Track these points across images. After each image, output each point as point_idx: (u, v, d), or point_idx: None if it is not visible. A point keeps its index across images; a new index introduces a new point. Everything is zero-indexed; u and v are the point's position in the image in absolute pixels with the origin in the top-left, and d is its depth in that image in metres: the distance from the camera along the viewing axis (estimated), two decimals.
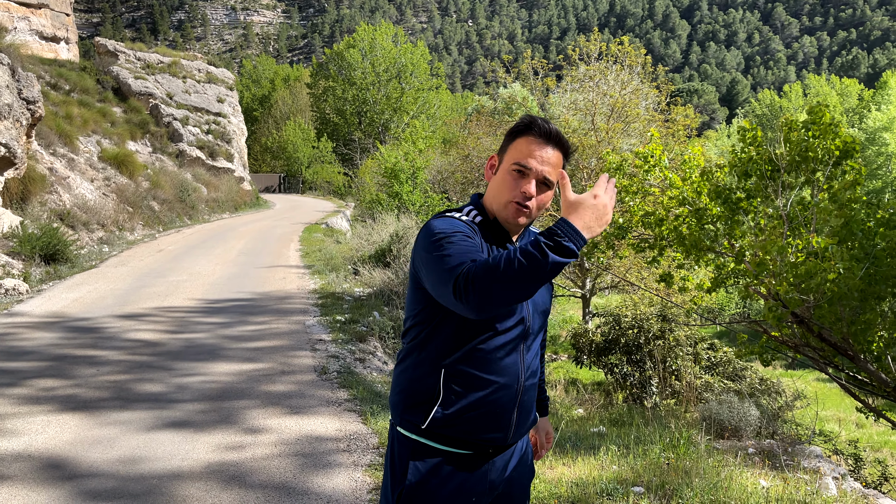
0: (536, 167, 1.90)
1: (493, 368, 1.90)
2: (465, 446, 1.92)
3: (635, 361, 12.30)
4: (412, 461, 1.93)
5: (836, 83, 56.51)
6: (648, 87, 22.12)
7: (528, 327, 1.96)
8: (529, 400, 2.01)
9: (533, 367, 2.00)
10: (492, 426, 1.92)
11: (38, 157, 16.04)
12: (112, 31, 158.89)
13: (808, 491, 4.15)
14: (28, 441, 4.73)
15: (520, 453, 2.08)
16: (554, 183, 1.94)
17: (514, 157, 1.92)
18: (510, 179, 1.92)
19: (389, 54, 48.08)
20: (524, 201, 1.90)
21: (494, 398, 1.90)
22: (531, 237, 1.91)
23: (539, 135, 1.92)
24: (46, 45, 26.10)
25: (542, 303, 2.04)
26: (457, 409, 1.89)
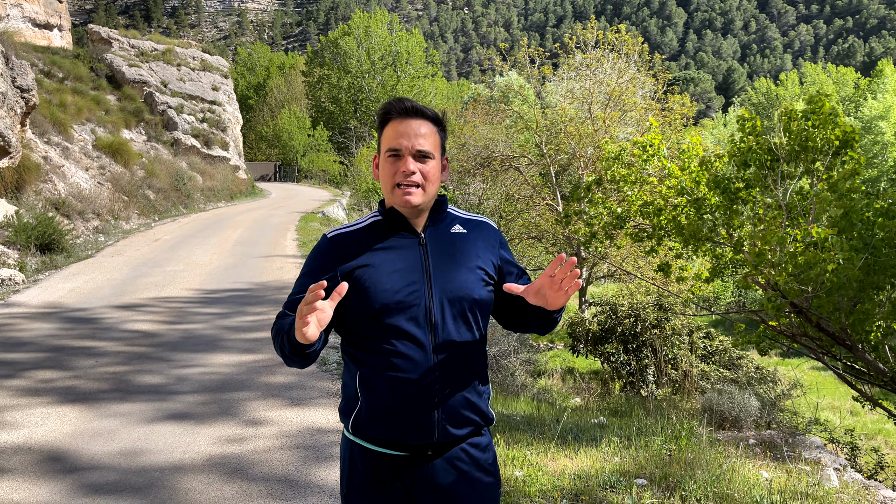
0: (405, 144, 1.89)
1: (394, 366, 1.87)
2: (395, 447, 1.91)
3: (632, 350, 12.32)
4: (349, 460, 1.97)
5: (833, 71, 56.50)
6: (645, 75, 22.06)
7: (432, 321, 1.88)
8: (456, 393, 1.90)
9: (454, 357, 1.90)
10: (411, 427, 1.88)
11: (32, 146, 15.92)
12: (105, 17, 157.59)
13: (809, 482, 4.16)
14: (28, 433, 4.71)
15: (462, 467, 1.95)
16: (434, 153, 1.93)
17: (385, 145, 1.93)
18: (388, 166, 1.92)
19: (385, 42, 47.84)
20: (405, 180, 1.89)
21: (401, 395, 1.86)
22: (448, 223, 2.00)
23: (399, 114, 1.93)
24: (39, 32, 25.86)
25: (452, 289, 1.91)
26: (373, 413, 1.89)
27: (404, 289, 1.88)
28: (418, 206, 1.92)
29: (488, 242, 2.03)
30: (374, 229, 1.97)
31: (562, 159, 21.61)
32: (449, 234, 1.99)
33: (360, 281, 1.89)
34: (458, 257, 1.96)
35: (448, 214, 2.04)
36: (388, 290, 1.88)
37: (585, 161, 20.43)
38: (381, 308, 1.87)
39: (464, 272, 1.94)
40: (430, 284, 1.91)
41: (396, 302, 1.87)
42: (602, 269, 21.16)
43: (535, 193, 21.56)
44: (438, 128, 1.97)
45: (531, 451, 4.55)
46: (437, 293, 1.90)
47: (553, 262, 1.80)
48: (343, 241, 1.97)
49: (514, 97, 26.92)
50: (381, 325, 1.88)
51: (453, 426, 1.91)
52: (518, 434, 5.02)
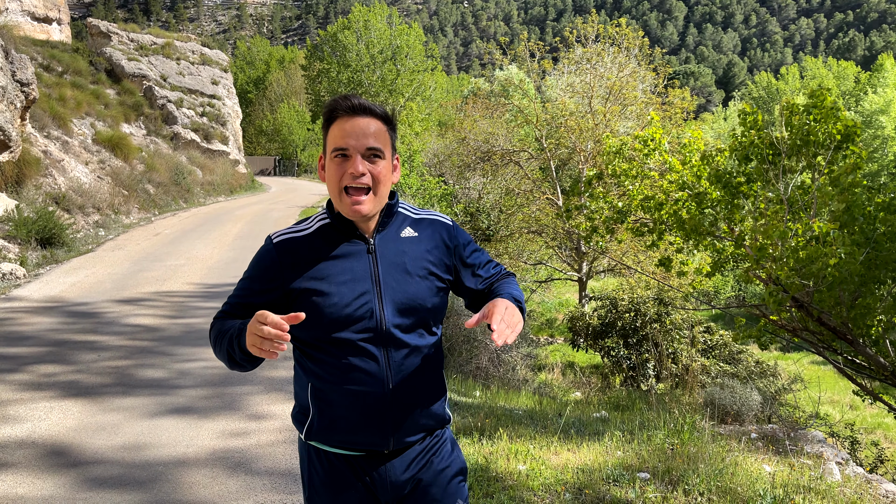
0: (353, 143, 1.78)
1: (347, 380, 1.82)
2: (351, 449, 1.88)
3: (632, 345, 12.34)
4: (308, 462, 1.95)
5: (833, 66, 56.40)
6: (645, 69, 22.02)
7: (384, 330, 1.82)
8: (410, 403, 1.86)
9: (408, 367, 1.84)
10: (365, 437, 1.85)
11: (32, 140, 15.89)
12: (104, 11, 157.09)
13: (812, 476, 4.18)
14: (31, 428, 4.72)
15: (425, 454, 1.94)
16: (385, 151, 1.82)
17: (331, 145, 1.81)
18: (334, 167, 1.80)
19: (384, 36, 47.72)
20: (354, 182, 1.77)
21: (356, 408, 1.83)
22: (399, 226, 1.90)
23: (345, 112, 1.81)
24: (38, 25, 25.79)
25: (404, 300, 1.84)
26: (324, 421, 1.86)
27: (354, 301, 1.81)
28: (367, 215, 1.81)
29: (440, 242, 1.94)
30: (322, 234, 1.88)
31: (562, 153, 21.59)
32: (399, 239, 1.89)
33: (308, 294, 1.81)
34: (409, 264, 1.87)
35: (398, 215, 1.93)
36: (338, 303, 1.80)
37: (586, 155, 20.41)
38: (332, 322, 1.80)
39: (415, 281, 1.86)
40: (381, 295, 1.83)
41: (346, 315, 1.80)
42: (602, 263, 21.17)
43: (535, 188, 21.55)
44: (389, 126, 1.86)
45: (534, 446, 4.56)
46: (389, 304, 1.83)
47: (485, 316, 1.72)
48: (290, 247, 1.86)
49: (514, 91, 26.89)
50: (332, 338, 1.82)
51: (408, 434, 1.89)
52: (520, 428, 5.03)
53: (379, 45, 47.64)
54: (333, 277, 1.82)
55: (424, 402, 1.90)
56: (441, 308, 1.93)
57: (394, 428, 1.85)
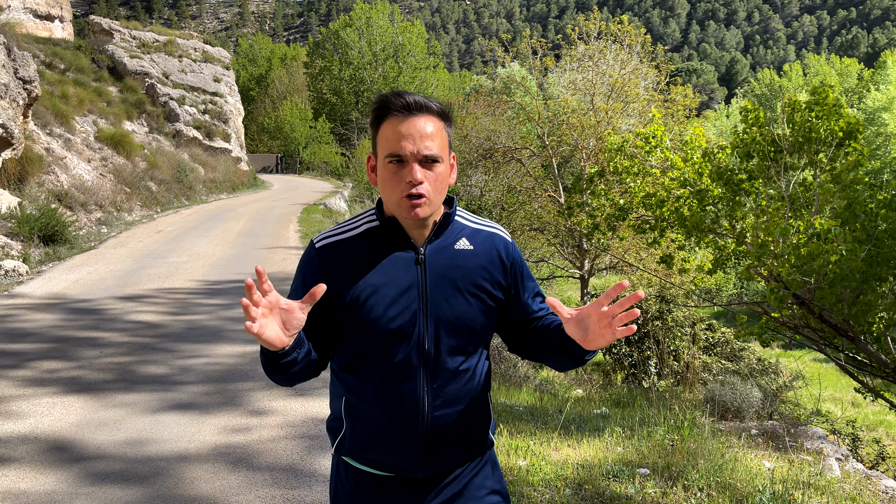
0: (410, 148, 1.62)
1: (381, 401, 1.69)
2: (380, 468, 1.75)
3: (634, 342, 12.34)
4: (335, 473, 1.85)
5: (836, 63, 56.29)
6: (647, 66, 22.00)
7: (426, 352, 1.68)
8: (448, 431, 1.72)
9: (449, 393, 1.70)
10: (395, 459, 1.72)
11: (34, 138, 15.93)
12: (106, 9, 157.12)
13: (811, 472, 4.19)
14: (34, 423, 4.74)
15: (457, 487, 1.79)
16: (443, 155, 1.66)
17: (385, 149, 1.65)
18: (389, 174, 1.65)
19: (386, 33, 47.72)
20: (412, 190, 1.62)
21: (389, 432, 1.70)
22: (454, 236, 1.75)
23: (399, 111, 1.64)
24: (41, 23, 25.83)
25: (450, 319, 1.70)
26: (356, 439, 1.75)
27: (398, 317, 1.67)
28: (425, 219, 1.68)
29: (496, 258, 1.78)
30: (369, 238, 1.73)
31: (564, 151, 21.58)
32: (452, 251, 1.73)
33: (351, 303, 1.69)
34: (460, 281, 1.72)
35: (455, 224, 1.78)
36: (380, 316, 1.67)
37: (588, 153, 20.40)
38: (371, 336, 1.68)
39: (464, 299, 1.71)
40: (426, 311, 1.69)
41: (388, 331, 1.67)
42: (604, 260, 21.18)
43: (537, 185, 21.54)
44: (446, 123, 1.70)
45: (534, 442, 4.57)
46: (433, 321, 1.69)
47: (612, 290, 1.53)
48: (333, 251, 1.73)
49: (516, 88, 26.87)
50: (370, 353, 1.70)
51: (443, 462, 1.75)
52: (521, 424, 5.04)
53: (381, 42, 47.64)
54: (378, 288, 1.69)
55: (465, 429, 1.76)
56: (490, 329, 1.79)
57: (428, 455, 1.72)
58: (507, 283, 1.79)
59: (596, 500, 3.69)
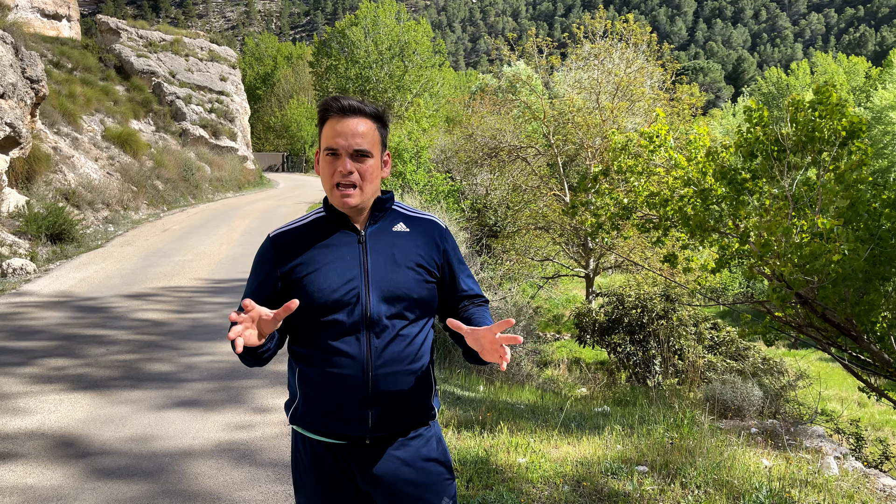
0: (342, 143, 1.88)
1: (329, 364, 1.89)
2: (333, 437, 1.93)
3: (638, 341, 12.36)
4: (294, 449, 2.03)
5: (844, 61, 56.01)
6: (653, 65, 21.97)
7: (369, 317, 1.89)
8: (392, 391, 1.90)
9: (390, 354, 1.90)
10: (341, 421, 1.90)
11: (42, 137, 16.04)
12: (114, 8, 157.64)
13: (809, 470, 4.21)
14: (41, 419, 4.81)
15: (403, 456, 1.96)
16: (373, 150, 1.92)
17: (324, 144, 1.92)
18: (326, 165, 1.92)
19: (392, 32, 47.73)
20: (343, 180, 1.89)
21: (337, 392, 1.88)
22: (391, 221, 1.99)
23: (337, 112, 1.91)
24: (48, 22, 25.96)
25: (390, 288, 1.91)
26: (309, 405, 1.92)
27: (342, 287, 1.89)
28: (356, 207, 1.92)
29: (431, 240, 2.02)
30: (317, 226, 1.98)
31: (569, 150, 21.58)
32: (390, 233, 1.98)
33: (298, 279, 1.91)
34: (398, 256, 1.95)
35: (392, 212, 2.02)
36: (326, 288, 1.89)
37: (593, 151, 20.40)
38: (319, 306, 1.89)
39: (402, 271, 1.94)
40: (368, 283, 1.90)
41: (334, 300, 1.88)
42: (609, 259, 21.18)
43: (542, 184, 21.55)
44: (379, 124, 1.95)
45: (534, 439, 4.61)
46: (375, 292, 1.90)
47: (501, 323, 1.77)
48: (284, 240, 1.98)
49: (521, 87, 26.86)
50: (319, 322, 1.90)
51: (387, 423, 1.92)
52: (522, 422, 5.08)
53: (387, 41, 47.66)
54: (323, 265, 1.92)
55: (407, 392, 1.93)
56: (428, 301, 1.99)
57: (373, 414, 1.89)
58: (440, 263, 2.03)
59: (594, 496, 3.73)
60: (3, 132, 12.03)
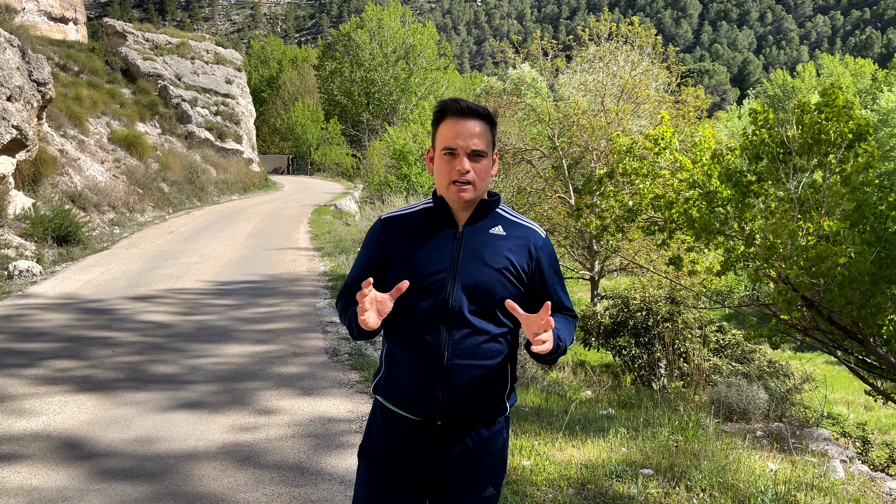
0: (461, 144, 2.00)
1: (412, 346, 2.05)
2: (407, 411, 2.08)
3: (643, 344, 12.32)
4: (371, 415, 2.20)
5: (850, 63, 55.82)
6: (659, 67, 21.94)
7: (449, 307, 2.02)
8: (463, 380, 2.03)
9: (466, 347, 2.02)
10: (415, 399, 2.05)
11: (48, 139, 16.10)
12: (120, 11, 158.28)
13: (815, 474, 4.19)
14: (46, 421, 4.82)
15: (469, 443, 2.09)
16: (487, 151, 2.04)
17: (441, 143, 2.04)
18: (444, 164, 2.04)
19: (397, 35, 47.80)
20: (461, 178, 2.00)
21: (414, 373, 2.04)
22: (490, 222, 2.11)
23: (455, 114, 2.03)
24: (55, 25, 26.08)
25: (474, 285, 2.03)
26: (391, 380, 2.10)
27: (431, 276, 2.03)
28: (470, 201, 2.05)
29: (525, 247, 2.11)
30: (423, 216, 2.12)
31: (574, 152, 21.55)
32: (487, 234, 2.09)
33: (396, 261, 2.08)
34: (488, 256, 2.06)
35: (495, 214, 2.13)
36: (417, 274, 2.03)
37: (598, 154, 20.37)
38: (410, 290, 2.02)
39: (488, 271, 2.05)
40: (455, 276, 2.03)
41: (423, 287, 2.03)
42: (614, 262, 21.12)
43: (547, 186, 21.53)
44: (491, 125, 2.07)
45: (539, 441, 4.60)
46: (460, 285, 2.03)
47: (544, 309, 1.90)
48: (392, 224, 2.14)
49: (526, 90, 26.86)
50: (407, 304, 2.04)
51: (455, 409, 2.04)
52: (526, 424, 5.07)
53: (392, 43, 47.72)
54: (420, 252, 2.07)
55: (479, 384, 2.05)
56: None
57: (443, 399, 2.03)
58: (530, 270, 2.11)
59: (599, 499, 3.72)
60: (10, 135, 12.08)
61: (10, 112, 12.21)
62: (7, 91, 12.30)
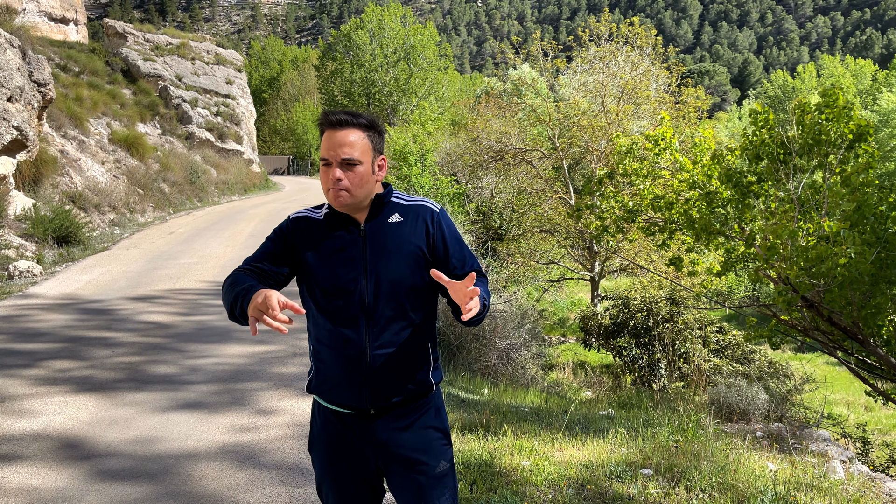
0: (332, 154, 2.09)
1: (334, 343, 2.13)
2: (340, 405, 2.17)
3: (644, 344, 12.32)
4: (312, 414, 2.29)
5: (851, 64, 55.81)
6: (659, 68, 21.94)
7: (366, 304, 2.11)
8: (388, 368, 2.12)
9: (386, 337, 2.12)
10: (345, 393, 2.14)
11: (49, 140, 16.11)
12: (120, 12, 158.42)
13: (815, 474, 4.19)
14: (46, 421, 4.82)
15: (405, 423, 2.18)
16: (362, 159, 2.10)
17: (320, 154, 2.14)
18: (322, 173, 2.13)
19: (398, 35, 47.81)
20: (335, 186, 2.08)
21: (340, 368, 2.13)
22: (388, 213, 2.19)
23: (329, 125, 2.12)
24: (55, 26, 26.09)
25: (386, 277, 2.12)
26: (320, 377, 2.18)
27: (344, 276, 2.12)
28: (347, 206, 2.12)
29: (422, 224, 2.20)
30: (328, 220, 2.20)
31: (574, 153, 21.56)
32: (387, 225, 2.17)
33: (309, 267, 2.16)
34: (392, 247, 2.15)
35: (389, 205, 2.21)
36: (330, 277, 2.13)
37: (598, 154, 20.38)
38: (324, 292, 2.12)
39: (396, 261, 2.14)
40: (367, 273, 2.12)
41: (337, 288, 2.12)
42: (615, 262, 21.12)
43: (547, 187, 21.53)
44: (371, 132, 2.15)
45: (538, 442, 4.59)
46: (372, 280, 2.12)
47: (468, 277, 1.94)
48: (303, 225, 2.21)
49: (526, 90, 26.87)
50: (325, 306, 2.13)
51: (384, 396, 2.14)
52: (526, 425, 5.07)
53: (392, 44, 47.74)
54: (330, 256, 2.15)
55: (403, 368, 2.15)
56: (421, 287, 2.17)
57: (372, 388, 2.12)
58: (432, 246, 2.20)
59: (598, 500, 3.71)
60: (10, 135, 12.09)
61: (10, 113, 12.22)
62: (7, 92, 12.31)
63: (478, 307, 1.98)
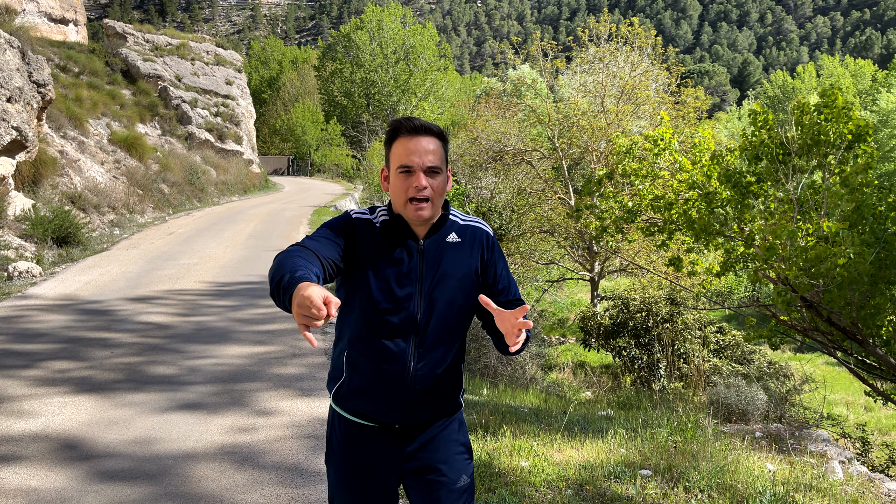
0: (417, 161, 2.02)
1: (377, 356, 2.07)
2: (367, 420, 2.13)
3: (643, 345, 12.32)
4: (331, 424, 2.23)
5: (850, 64, 55.82)
6: (658, 68, 21.95)
7: (417, 322, 2.07)
8: (426, 388, 2.10)
9: (431, 357, 2.09)
10: (377, 406, 2.10)
11: (48, 140, 16.11)
12: (120, 12, 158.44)
13: (814, 474, 4.19)
14: (45, 422, 4.82)
15: (428, 438, 2.16)
16: (441, 167, 2.06)
17: (397, 161, 2.05)
18: (400, 181, 2.05)
19: (397, 36, 47.84)
20: (418, 195, 2.02)
21: (379, 383, 2.08)
22: (446, 231, 2.13)
23: (407, 132, 2.05)
24: (55, 27, 26.09)
25: (439, 298, 2.08)
26: (352, 385, 2.12)
27: (398, 293, 2.06)
28: (428, 219, 2.06)
29: (478, 247, 2.17)
30: (386, 229, 2.11)
31: (574, 153, 21.56)
32: (444, 244, 2.12)
33: (363, 275, 2.07)
34: (449, 268, 2.11)
35: (447, 222, 2.16)
36: (384, 289, 2.05)
37: (598, 155, 20.38)
38: (376, 304, 2.05)
39: (451, 282, 2.10)
40: (421, 290, 2.08)
41: (389, 302, 2.06)
42: (614, 263, 21.13)
43: (547, 187, 21.53)
44: (443, 142, 2.10)
45: (537, 443, 4.60)
46: (426, 300, 2.08)
47: (519, 309, 1.91)
48: (363, 227, 2.11)
49: (526, 91, 26.86)
50: (372, 318, 2.07)
51: (420, 415, 2.12)
52: (525, 425, 5.07)
53: (392, 44, 47.76)
54: (386, 268, 2.08)
55: (440, 390, 2.14)
56: (470, 311, 2.16)
57: (408, 406, 2.09)
58: (484, 269, 2.18)
59: (597, 500, 3.71)
60: (9, 136, 12.08)
61: (9, 113, 12.22)
62: (7, 92, 12.31)
63: (523, 339, 1.96)
